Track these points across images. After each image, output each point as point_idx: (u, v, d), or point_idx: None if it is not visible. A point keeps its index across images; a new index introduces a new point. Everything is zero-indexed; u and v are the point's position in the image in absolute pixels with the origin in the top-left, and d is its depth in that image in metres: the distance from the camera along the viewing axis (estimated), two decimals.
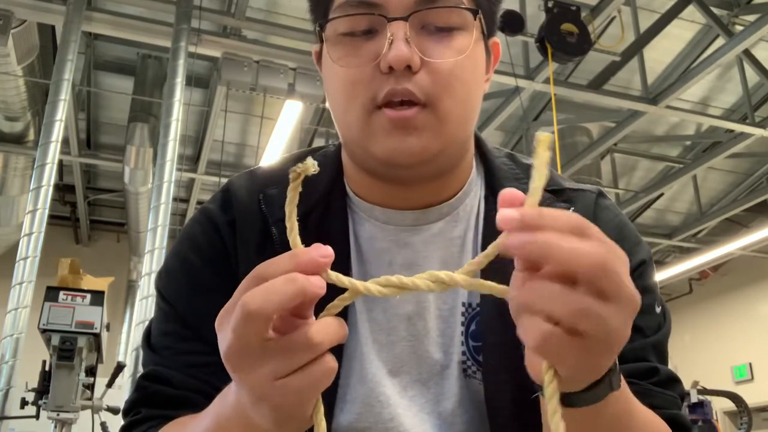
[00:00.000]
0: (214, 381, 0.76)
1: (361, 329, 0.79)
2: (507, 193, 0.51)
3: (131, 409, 0.79)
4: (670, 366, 0.80)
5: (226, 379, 0.75)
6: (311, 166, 0.54)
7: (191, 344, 0.78)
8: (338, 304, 0.55)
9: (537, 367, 0.52)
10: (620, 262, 0.49)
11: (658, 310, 0.81)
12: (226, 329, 0.52)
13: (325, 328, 0.51)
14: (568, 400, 0.54)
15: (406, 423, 0.77)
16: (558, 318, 0.47)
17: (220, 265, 0.80)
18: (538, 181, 0.51)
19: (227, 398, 0.60)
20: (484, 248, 0.79)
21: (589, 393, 0.54)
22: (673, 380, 0.79)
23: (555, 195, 0.83)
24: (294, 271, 0.50)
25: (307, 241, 0.80)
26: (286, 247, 0.78)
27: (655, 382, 0.76)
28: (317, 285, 0.50)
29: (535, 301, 0.48)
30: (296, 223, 0.55)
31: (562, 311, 0.47)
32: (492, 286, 0.53)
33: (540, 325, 0.48)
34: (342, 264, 0.79)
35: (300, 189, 0.56)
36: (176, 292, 0.82)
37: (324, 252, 0.52)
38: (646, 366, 0.76)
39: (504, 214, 0.49)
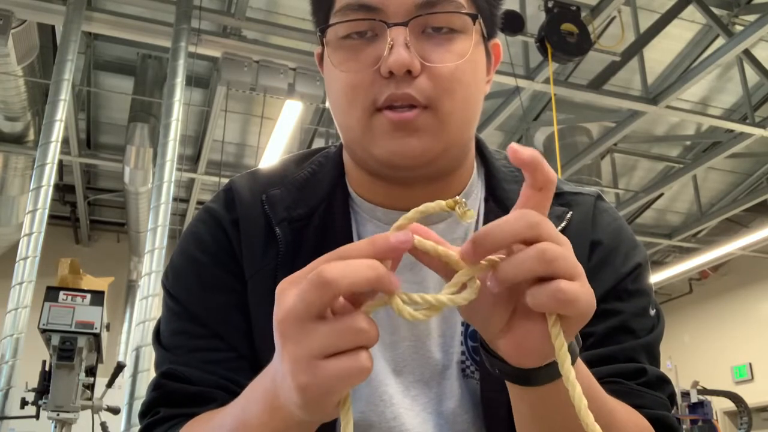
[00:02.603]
0: (232, 376, 0.76)
1: None
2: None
3: (149, 410, 0.78)
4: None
5: (244, 375, 0.75)
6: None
7: (206, 341, 0.79)
8: (378, 302, 0.54)
9: (525, 337, 0.55)
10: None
11: (652, 312, 0.82)
12: (289, 294, 0.51)
13: (374, 324, 0.51)
14: (533, 376, 0.58)
15: (408, 422, 0.78)
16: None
17: (227, 263, 0.81)
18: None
19: (258, 382, 0.60)
20: None
21: (551, 367, 0.57)
22: (663, 381, 0.79)
23: (554, 198, 0.83)
24: (373, 255, 0.51)
25: (310, 241, 0.81)
26: (290, 247, 0.79)
27: (643, 383, 0.77)
28: (394, 283, 0.51)
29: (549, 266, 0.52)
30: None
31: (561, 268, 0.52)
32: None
33: (564, 284, 0.51)
34: None
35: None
36: (186, 290, 0.82)
37: (403, 238, 0.52)
38: (634, 366, 0.77)
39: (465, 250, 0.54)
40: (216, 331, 0.78)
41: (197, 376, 0.76)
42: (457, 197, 0.54)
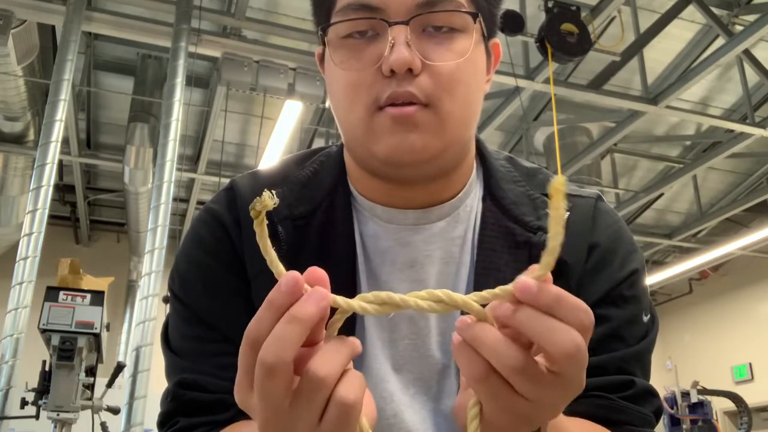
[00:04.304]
0: None
1: (368, 324, 0.80)
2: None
3: (168, 420, 0.78)
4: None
5: None
6: (268, 198, 0.52)
7: (218, 346, 0.78)
8: (338, 318, 0.54)
9: (464, 408, 0.55)
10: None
11: (645, 318, 0.81)
12: (253, 399, 0.51)
13: (326, 359, 0.51)
14: None
15: (408, 420, 0.78)
16: (501, 369, 0.50)
17: (232, 264, 0.80)
18: (554, 240, 0.50)
19: None
20: (480, 248, 0.80)
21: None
22: (650, 394, 0.79)
23: None
24: (289, 304, 0.51)
25: (312, 239, 0.81)
26: (292, 245, 0.79)
27: (629, 396, 0.76)
28: (319, 311, 0.51)
29: (486, 346, 0.51)
30: (274, 254, 0.55)
31: (507, 364, 0.50)
32: (473, 307, 0.53)
33: (482, 365, 0.51)
34: (350, 261, 0.80)
35: (266, 221, 0.54)
36: (193, 294, 0.81)
37: (315, 276, 0.52)
38: (621, 379, 0.77)
39: (523, 285, 0.51)
40: (226, 334, 0.78)
41: (212, 383, 0.76)
42: (258, 203, 0.52)
